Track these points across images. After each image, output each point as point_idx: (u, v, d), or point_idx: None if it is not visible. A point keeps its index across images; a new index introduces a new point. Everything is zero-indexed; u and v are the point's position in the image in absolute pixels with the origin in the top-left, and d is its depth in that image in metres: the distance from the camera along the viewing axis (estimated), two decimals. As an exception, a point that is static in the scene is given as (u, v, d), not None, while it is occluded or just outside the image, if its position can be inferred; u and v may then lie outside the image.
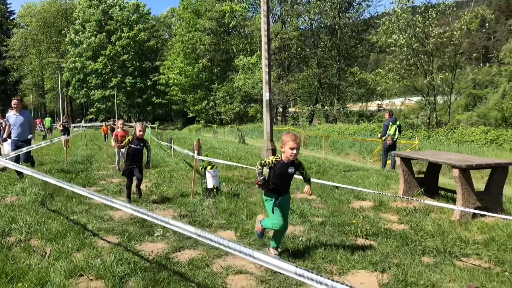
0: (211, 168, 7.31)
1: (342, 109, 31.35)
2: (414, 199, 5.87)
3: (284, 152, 4.05)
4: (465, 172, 5.72)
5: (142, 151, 7.19)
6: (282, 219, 4.19)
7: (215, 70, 51.63)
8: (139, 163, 7.14)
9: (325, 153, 18.55)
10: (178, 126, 63.62)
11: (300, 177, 4.49)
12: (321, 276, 2.23)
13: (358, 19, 32.80)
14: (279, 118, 42.06)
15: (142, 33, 64.58)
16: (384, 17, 22.10)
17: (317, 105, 35.47)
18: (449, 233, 5.26)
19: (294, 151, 3.97)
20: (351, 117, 30.55)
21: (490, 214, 4.83)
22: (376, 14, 27.35)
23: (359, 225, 5.53)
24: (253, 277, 3.96)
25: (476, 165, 5.72)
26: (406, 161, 7.17)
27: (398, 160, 7.25)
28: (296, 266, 2.33)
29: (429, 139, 16.86)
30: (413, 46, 19.01)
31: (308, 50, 35.08)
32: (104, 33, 63.93)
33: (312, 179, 7.90)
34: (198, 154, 7.72)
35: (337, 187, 7.92)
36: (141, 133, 7.00)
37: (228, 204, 6.67)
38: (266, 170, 4.27)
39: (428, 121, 19.81)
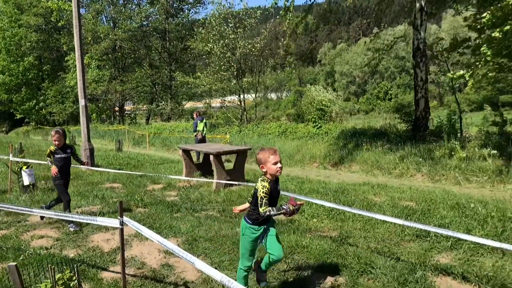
0: (26, 168, 8.58)
1: (175, 107, 33.59)
2: (193, 179, 8.27)
3: (266, 172, 3.54)
4: (217, 156, 8.34)
5: (70, 160, 6.41)
6: (280, 246, 3.64)
7: (45, 68, 48.52)
8: (69, 177, 6.46)
9: (150, 150, 20.60)
10: (3, 129, 57.58)
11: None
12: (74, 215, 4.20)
13: (184, 25, 35.28)
14: (117, 117, 42.18)
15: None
16: (202, 25, 25.04)
17: (153, 104, 37.05)
18: (204, 198, 7.78)
19: (279, 165, 3.52)
20: (184, 115, 33.01)
21: (233, 182, 7.43)
22: (202, 20, 30.02)
23: (142, 199, 7.68)
24: (51, 239, 5.71)
25: (224, 152, 8.41)
26: (186, 151, 9.61)
27: (180, 151, 9.64)
28: (55, 212, 4.25)
29: (240, 133, 20.13)
30: (227, 55, 22.33)
31: (140, 51, 36.31)
32: None
33: (121, 171, 9.79)
34: (16, 156, 8.88)
35: (141, 175, 10.00)
36: (57, 142, 6.14)
37: (42, 196, 8.11)
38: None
39: (240, 117, 23.45)
